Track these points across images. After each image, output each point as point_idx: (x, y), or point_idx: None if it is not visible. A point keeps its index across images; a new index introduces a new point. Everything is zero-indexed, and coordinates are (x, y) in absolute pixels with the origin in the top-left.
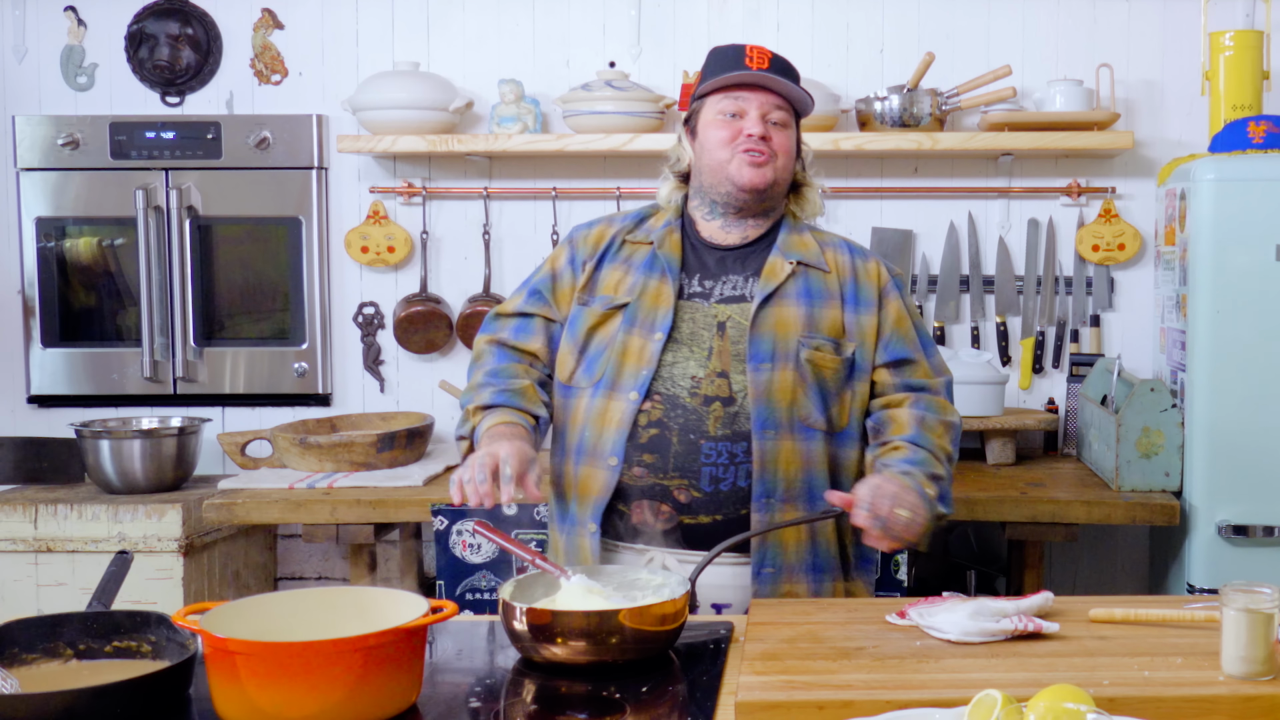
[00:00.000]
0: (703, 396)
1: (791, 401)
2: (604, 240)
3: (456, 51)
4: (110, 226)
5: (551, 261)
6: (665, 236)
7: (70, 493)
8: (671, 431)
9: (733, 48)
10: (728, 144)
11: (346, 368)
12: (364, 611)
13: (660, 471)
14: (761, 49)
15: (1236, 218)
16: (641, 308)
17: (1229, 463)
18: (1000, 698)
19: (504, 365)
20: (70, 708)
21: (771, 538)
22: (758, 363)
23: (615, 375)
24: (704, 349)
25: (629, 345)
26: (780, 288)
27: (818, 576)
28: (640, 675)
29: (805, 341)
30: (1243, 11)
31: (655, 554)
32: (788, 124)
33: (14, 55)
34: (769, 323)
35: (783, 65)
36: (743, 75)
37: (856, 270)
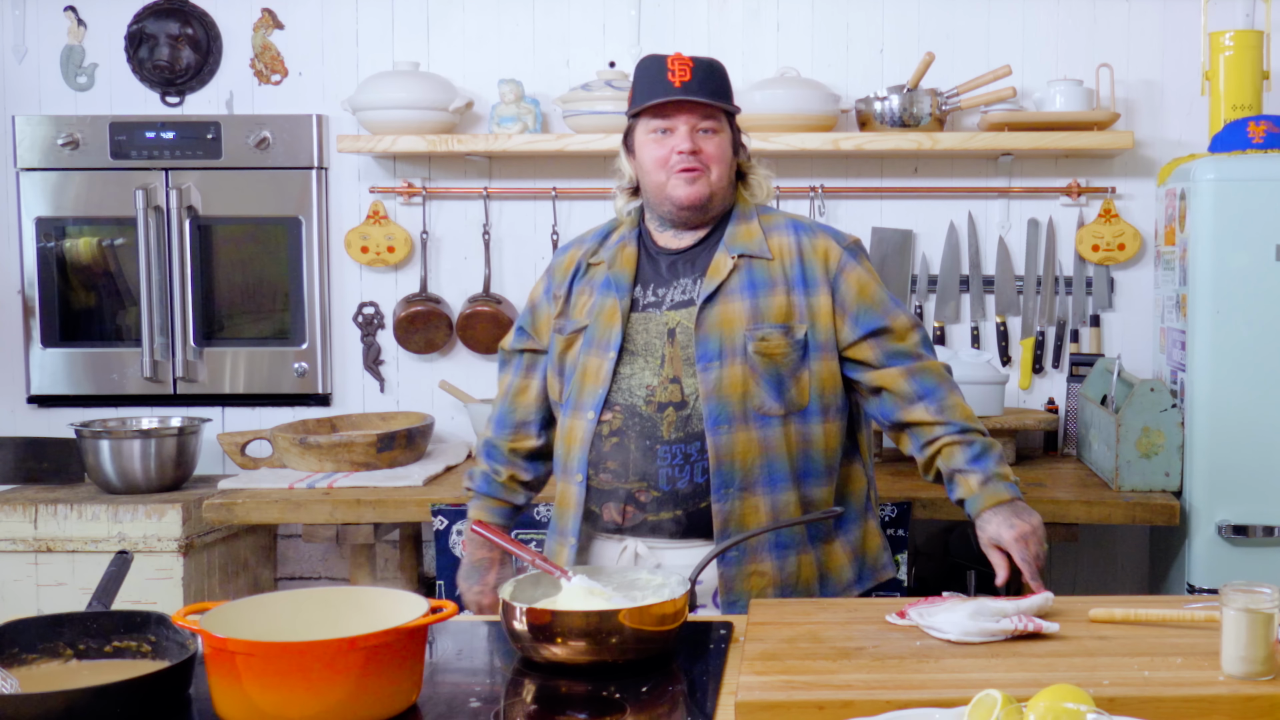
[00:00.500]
0: (657, 404)
1: (744, 394)
2: (572, 266)
3: (456, 51)
4: (110, 226)
5: (531, 295)
6: (618, 253)
7: (70, 493)
8: (630, 439)
9: (655, 62)
10: (663, 164)
11: (346, 368)
12: (364, 611)
13: (622, 477)
14: (682, 60)
15: (1236, 218)
16: (598, 327)
17: (1229, 463)
18: (1000, 698)
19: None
20: (70, 708)
21: (733, 521)
22: (706, 362)
23: (578, 395)
24: (656, 358)
25: (588, 366)
26: (724, 285)
27: (781, 552)
28: (640, 675)
29: (751, 334)
30: (1243, 11)
31: (629, 542)
32: (718, 129)
33: (14, 55)
34: (714, 322)
35: (705, 71)
36: (665, 97)
37: (802, 250)
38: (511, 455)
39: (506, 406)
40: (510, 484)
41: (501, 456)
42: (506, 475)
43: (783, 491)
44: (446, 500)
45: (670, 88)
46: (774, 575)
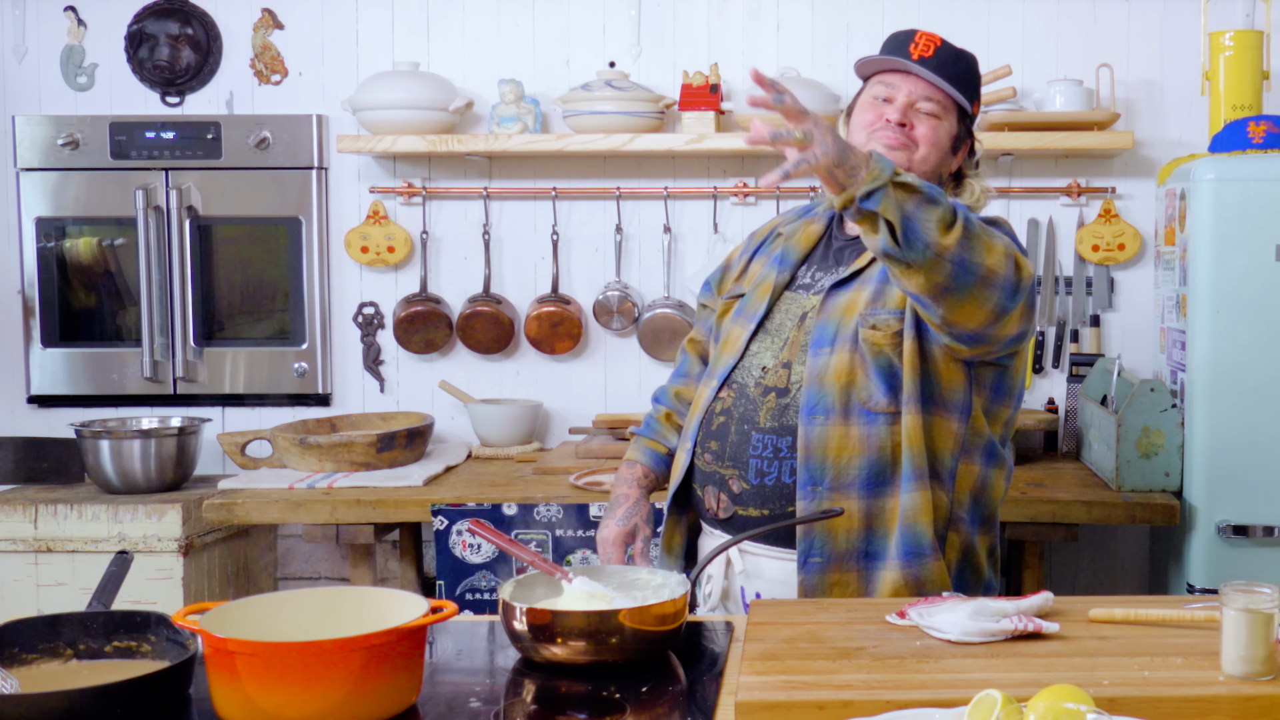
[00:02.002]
0: (764, 387)
1: (848, 384)
2: (766, 233)
3: (456, 51)
4: (110, 226)
5: (729, 255)
6: (801, 228)
7: (70, 493)
8: (733, 420)
9: (905, 33)
10: (869, 127)
11: (346, 368)
12: (364, 611)
13: (719, 459)
14: (931, 37)
15: (1236, 218)
16: (752, 298)
17: (1229, 463)
18: (1000, 698)
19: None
20: (70, 708)
21: (818, 529)
22: (818, 348)
23: (714, 363)
24: (782, 339)
25: (730, 334)
26: (863, 271)
27: (870, 564)
28: (640, 675)
29: (864, 319)
30: (1243, 11)
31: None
32: (939, 115)
33: (14, 55)
34: (837, 308)
35: (952, 56)
36: (888, 60)
37: None
38: (676, 399)
39: (684, 355)
40: (667, 423)
41: (667, 398)
42: (664, 414)
43: (884, 497)
44: (446, 500)
45: (906, 57)
46: (859, 588)
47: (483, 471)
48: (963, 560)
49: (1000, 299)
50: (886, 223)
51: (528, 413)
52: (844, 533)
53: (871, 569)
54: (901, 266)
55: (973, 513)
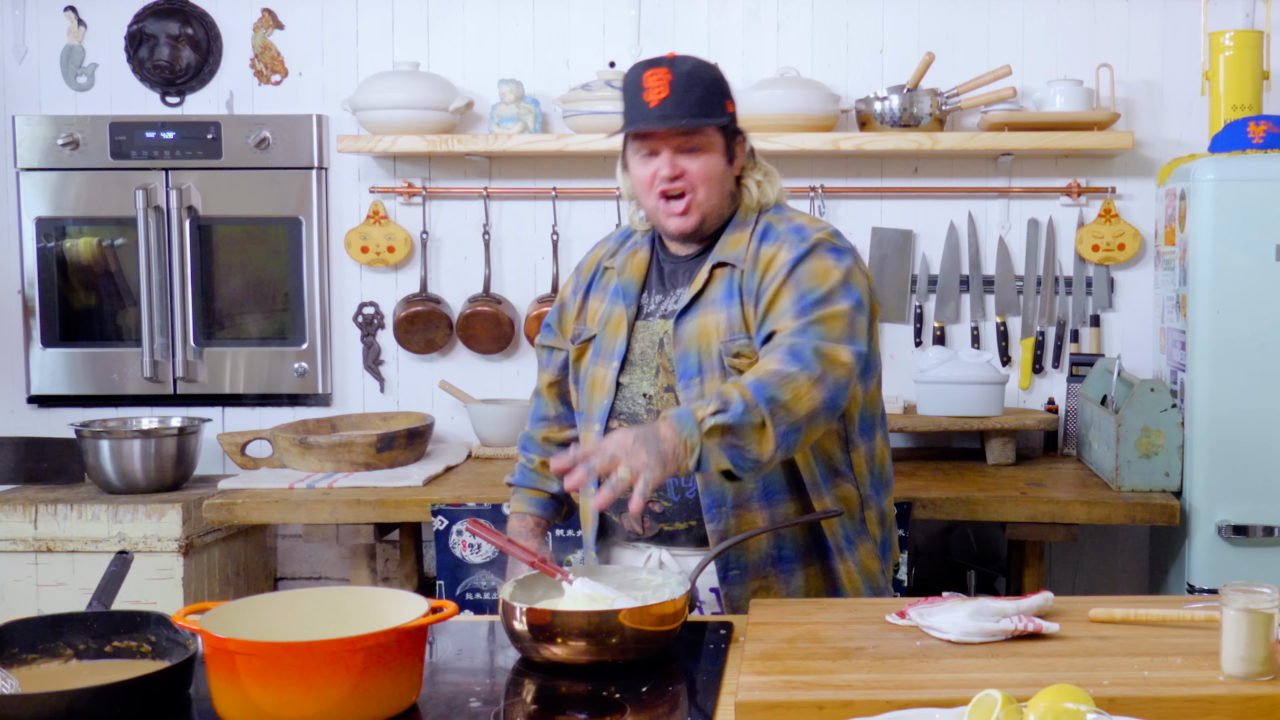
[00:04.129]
0: (656, 412)
1: None
2: (592, 268)
3: (456, 51)
4: (110, 226)
5: (562, 292)
6: (629, 260)
7: (70, 493)
8: None
9: (634, 78)
10: (649, 189)
11: (346, 368)
12: (364, 611)
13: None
14: (659, 74)
15: (1236, 218)
16: (605, 337)
17: (1229, 463)
18: (1000, 698)
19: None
20: (70, 708)
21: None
22: (686, 380)
23: (588, 406)
24: (651, 367)
25: (595, 376)
26: (703, 294)
27: (787, 568)
28: (640, 675)
29: (726, 346)
30: (1243, 11)
31: (653, 552)
32: (703, 145)
33: (14, 55)
34: (690, 335)
35: (684, 83)
36: (640, 124)
37: (758, 257)
38: (545, 444)
39: (539, 400)
40: (543, 470)
41: (535, 446)
42: (538, 463)
43: (780, 504)
44: (446, 500)
45: (645, 110)
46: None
47: (483, 471)
48: (883, 527)
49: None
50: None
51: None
52: (753, 543)
53: (788, 571)
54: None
55: (874, 486)
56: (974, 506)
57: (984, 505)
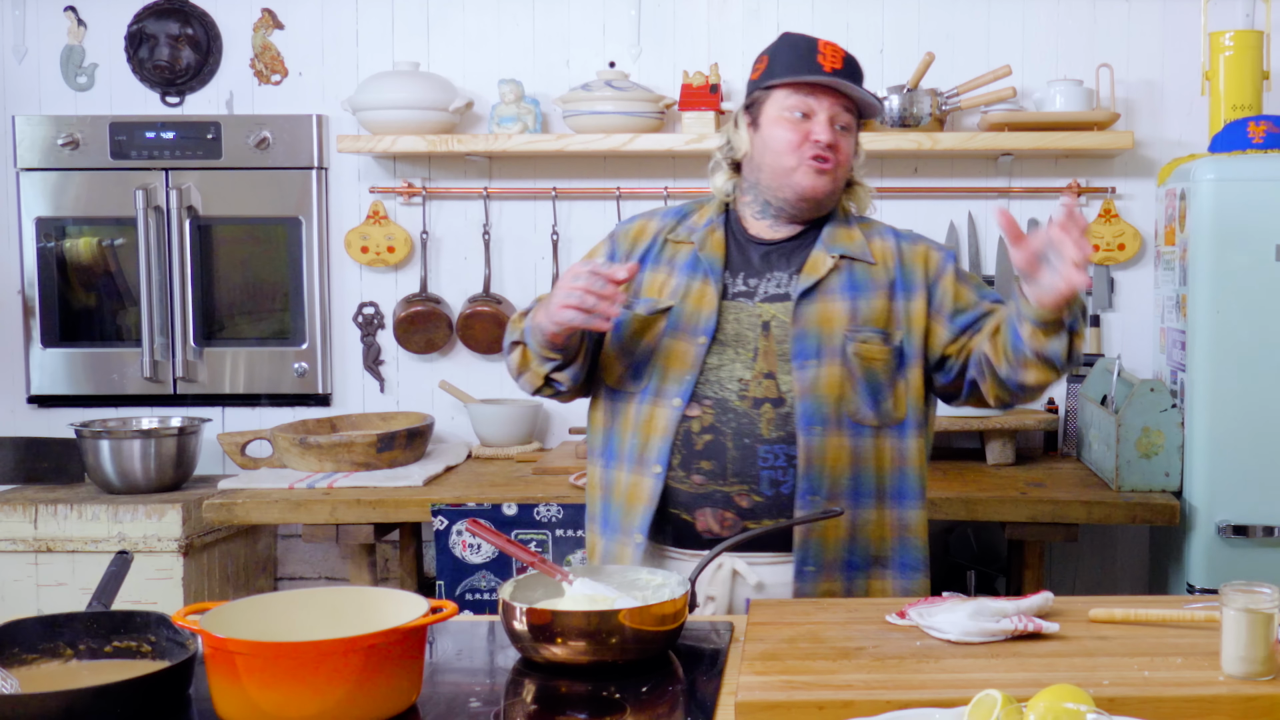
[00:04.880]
0: (752, 399)
1: (840, 397)
2: (644, 238)
3: (456, 51)
4: (110, 226)
5: (592, 256)
6: (707, 236)
7: (70, 493)
8: (725, 436)
9: (805, 40)
10: (794, 148)
11: (346, 368)
12: (364, 611)
13: (719, 478)
14: (834, 47)
15: (1236, 218)
16: (685, 311)
17: (1229, 463)
18: (1000, 698)
19: None
20: (70, 708)
21: (814, 533)
22: (803, 359)
23: (660, 381)
24: (749, 350)
25: (673, 350)
26: (822, 282)
27: (851, 575)
28: (640, 675)
29: (851, 335)
30: (1243, 11)
31: (724, 559)
32: (852, 128)
33: (14, 55)
34: (812, 319)
35: (853, 67)
36: (817, 77)
37: (903, 255)
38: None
39: None
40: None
41: None
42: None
43: (866, 508)
44: (446, 500)
45: (820, 70)
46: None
47: (483, 471)
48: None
49: None
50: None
51: (528, 413)
52: (833, 542)
53: (853, 579)
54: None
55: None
56: (974, 506)
57: (984, 505)
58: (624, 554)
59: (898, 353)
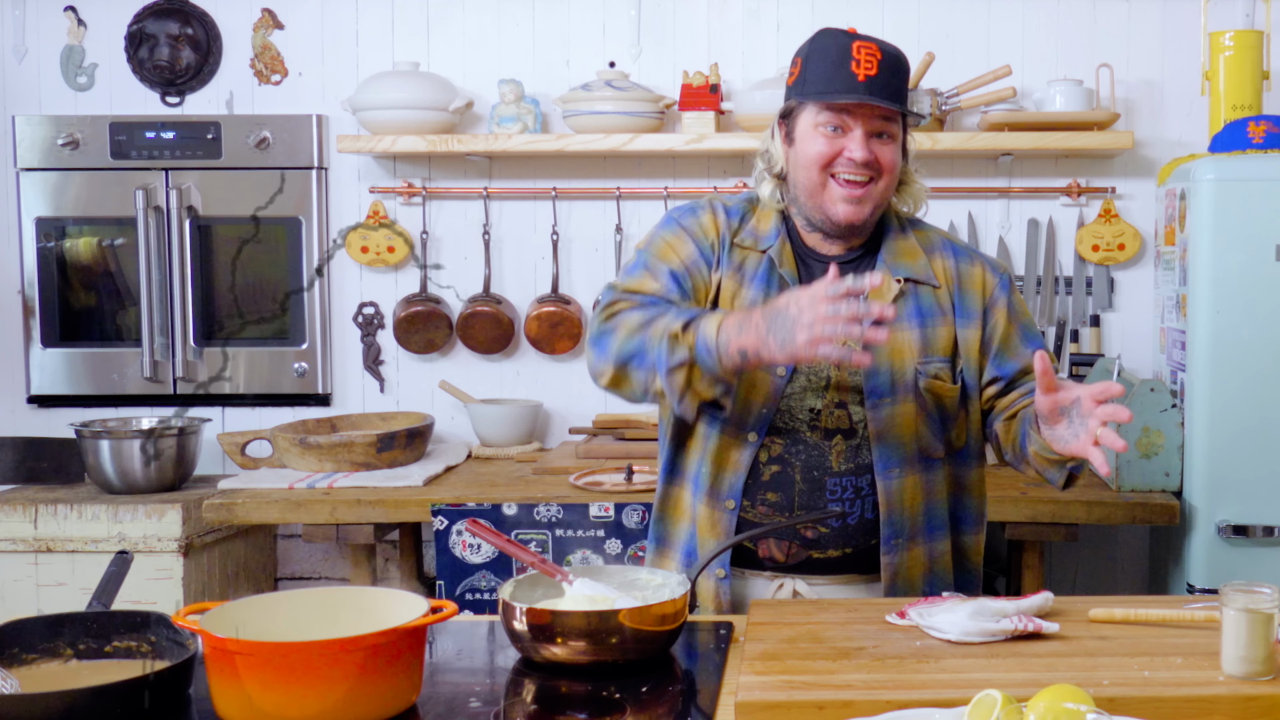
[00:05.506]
0: (823, 430)
1: (914, 434)
2: (714, 234)
3: (456, 51)
4: (110, 226)
5: (674, 249)
6: (780, 248)
7: (70, 493)
8: (794, 469)
9: (838, 43)
10: (825, 165)
11: (346, 368)
12: (364, 611)
13: (785, 510)
14: (870, 49)
15: (1236, 218)
16: None
17: (1229, 463)
18: (1000, 698)
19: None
20: (70, 708)
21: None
22: (877, 398)
23: (736, 410)
24: (821, 378)
25: (755, 379)
26: None
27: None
28: (640, 675)
29: (923, 369)
30: (1243, 11)
31: (785, 581)
32: (895, 134)
33: (14, 55)
34: (882, 351)
35: (892, 66)
36: (847, 95)
37: (961, 278)
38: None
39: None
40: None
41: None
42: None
43: (939, 540)
44: (446, 500)
45: (853, 82)
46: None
47: (483, 471)
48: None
49: None
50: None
51: (528, 413)
52: (918, 575)
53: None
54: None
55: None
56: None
57: None
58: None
59: (961, 380)
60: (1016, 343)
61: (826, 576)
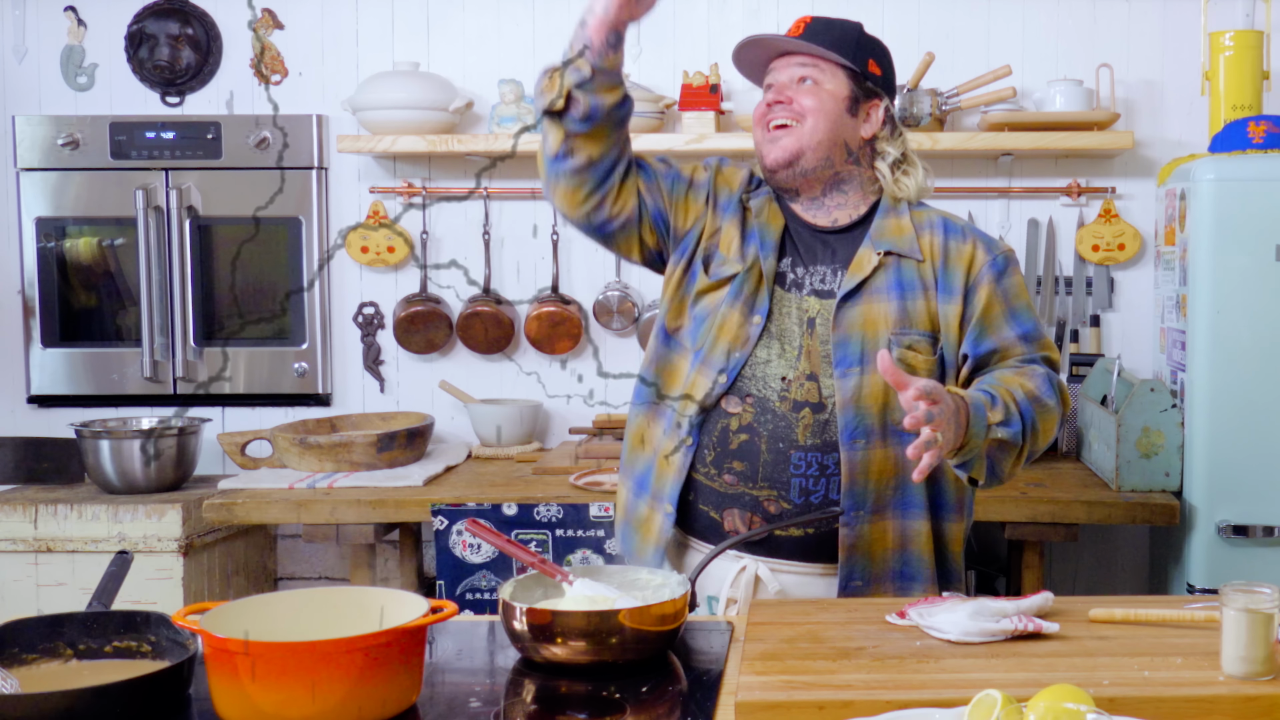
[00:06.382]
0: (792, 401)
1: (883, 406)
2: (731, 187)
3: (456, 51)
4: (110, 226)
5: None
6: (764, 205)
7: (70, 493)
8: (761, 439)
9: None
10: (760, 120)
11: (346, 368)
12: (364, 611)
13: (749, 480)
14: (802, 19)
15: (1236, 218)
16: (747, 282)
17: (1229, 463)
18: (1000, 698)
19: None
20: (70, 708)
21: (861, 547)
22: (845, 367)
23: (709, 349)
24: (794, 347)
25: (729, 320)
26: (867, 282)
27: (905, 585)
28: (640, 675)
29: (896, 339)
30: (1243, 11)
31: (748, 562)
32: (820, 79)
33: (14, 55)
34: (855, 322)
35: (824, 25)
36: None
37: (949, 253)
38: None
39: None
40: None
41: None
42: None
43: (915, 519)
44: (446, 500)
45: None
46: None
47: (483, 471)
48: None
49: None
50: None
51: (528, 413)
52: (880, 554)
53: (906, 590)
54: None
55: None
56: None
57: (984, 505)
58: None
59: (939, 358)
60: (1000, 323)
61: (789, 561)
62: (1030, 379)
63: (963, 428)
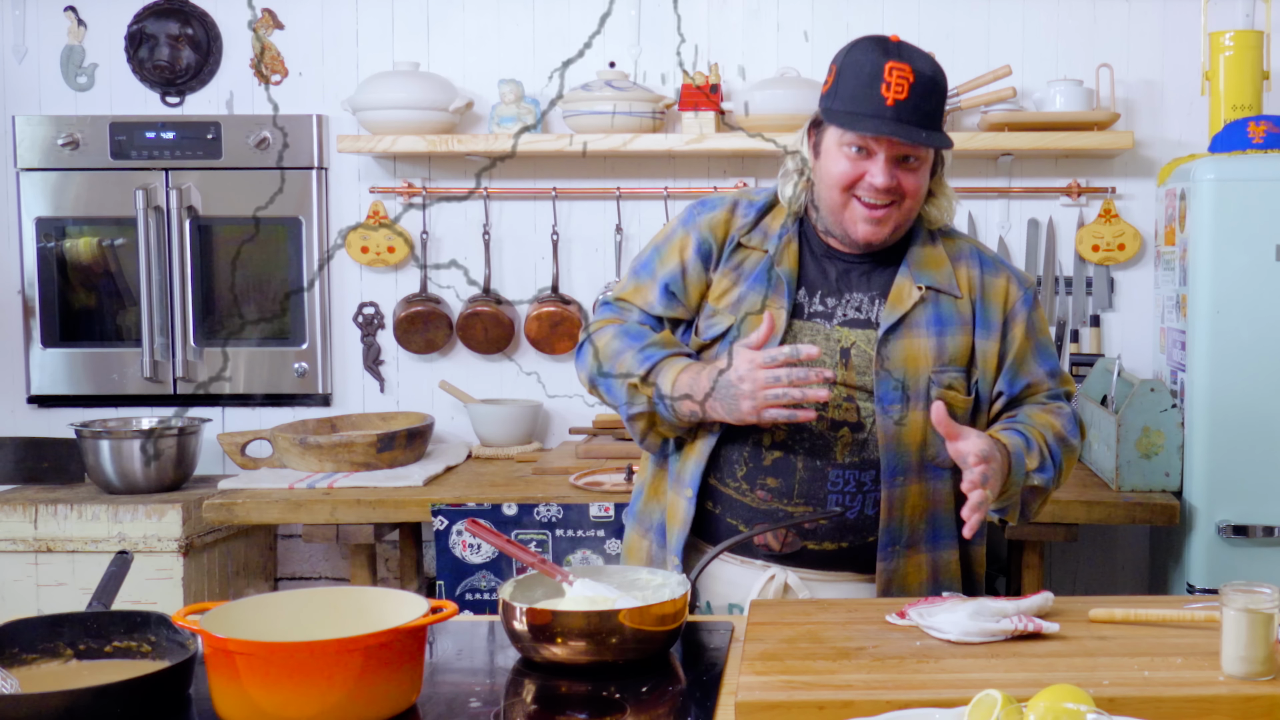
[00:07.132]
0: (830, 420)
1: (922, 443)
2: (721, 234)
3: (456, 51)
4: (110, 226)
5: (678, 251)
6: (784, 248)
7: (70, 493)
8: (797, 456)
9: (871, 59)
10: (847, 186)
11: (346, 368)
12: (364, 611)
13: (784, 497)
14: (903, 71)
15: (1236, 218)
16: (745, 330)
17: (1229, 463)
18: (1000, 698)
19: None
20: (70, 708)
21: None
22: (887, 404)
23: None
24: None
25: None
26: (907, 316)
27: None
28: (640, 675)
29: (936, 378)
30: (1243, 11)
31: (776, 572)
32: (924, 158)
33: (14, 55)
34: (897, 357)
35: (925, 89)
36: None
37: (985, 289)
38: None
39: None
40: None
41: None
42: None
43: (946, 549)
44: (446, 500)
45: (880, 106)
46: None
47: (483, 471)
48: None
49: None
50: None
51: (528, 413)
52: (916, 586)
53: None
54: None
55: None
56: None
57: None
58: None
59: (974, 393)
60: (1030, 360)
61: (819, 571)
62: (1057, 417)
63: (1004, 476)
